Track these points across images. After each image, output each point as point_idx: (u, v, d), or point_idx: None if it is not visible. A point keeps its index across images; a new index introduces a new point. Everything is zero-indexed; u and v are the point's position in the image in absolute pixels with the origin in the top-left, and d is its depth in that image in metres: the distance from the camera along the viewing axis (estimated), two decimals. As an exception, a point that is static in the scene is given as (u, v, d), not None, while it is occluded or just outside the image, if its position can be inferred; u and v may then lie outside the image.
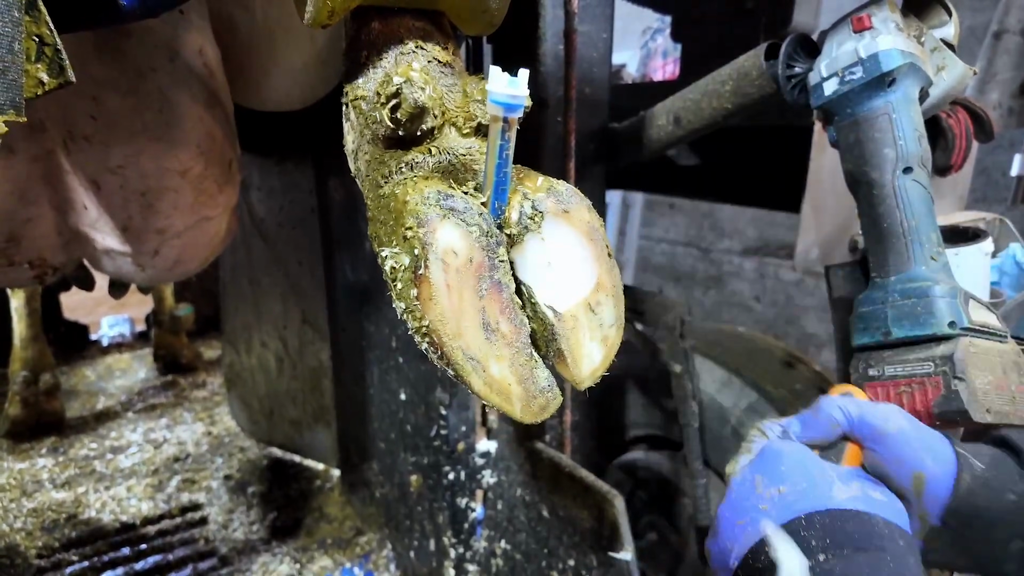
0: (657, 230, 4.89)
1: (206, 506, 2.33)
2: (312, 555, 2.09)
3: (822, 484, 0.55)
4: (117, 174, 1.09)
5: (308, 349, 2.27)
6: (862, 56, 0.93)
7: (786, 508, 0.54)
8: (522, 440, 1.52)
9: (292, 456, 2.61)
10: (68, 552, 2.05)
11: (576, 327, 0.59)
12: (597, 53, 1.38)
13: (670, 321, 1.66)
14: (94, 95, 1.01)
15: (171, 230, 1.23)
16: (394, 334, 1.83)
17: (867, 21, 0.94)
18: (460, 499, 1.68)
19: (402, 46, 0.65)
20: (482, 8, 0.69)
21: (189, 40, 1.11)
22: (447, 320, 0.52)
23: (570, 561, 1.38)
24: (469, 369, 0.53)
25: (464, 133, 0.63)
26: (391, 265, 0.55)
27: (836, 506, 0.53)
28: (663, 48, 4.42)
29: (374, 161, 0.64)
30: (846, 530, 0.50)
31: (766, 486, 0.57)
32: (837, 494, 0.54)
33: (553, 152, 1.36)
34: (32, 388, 2.75)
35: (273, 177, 2.12)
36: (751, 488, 0.59)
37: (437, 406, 1.66)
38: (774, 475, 0.58)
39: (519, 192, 0.59)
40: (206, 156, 1.17)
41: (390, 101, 0.59)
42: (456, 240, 0.54)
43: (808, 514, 0.53)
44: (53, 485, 2.41)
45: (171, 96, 1.08)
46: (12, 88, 0.48)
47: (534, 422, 0.57)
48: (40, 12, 0.51)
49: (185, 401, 3.15)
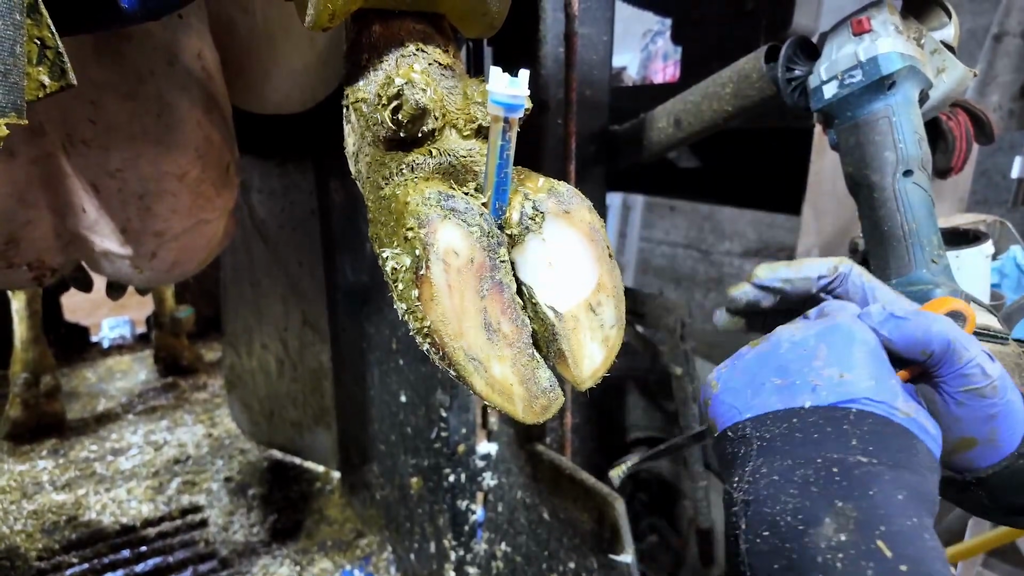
0: (657, 232, 4.89)
1: (206, 508, 2.33)
2: (312, 557, 2.09)
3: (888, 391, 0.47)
4: (116, 177, 1.10)
5: (308, 351, 2.27)
6: (862, 59, 0.94)
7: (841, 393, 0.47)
8: (523, 442, 1.52)
9: (292, 458, 2.61)
10: (68, 554, 2.05)
11: (577, 328, 0.59)
12: (597, 56, 1.38)
13: (671, 323, 1.66)
14: (93, 99, 1.01)
15: (169, 233, 1.23)
16: (394, 336, 1.83)
17: (867, 24, 0.94)
18: (460, 501, 1.68)
19: (403, 49, 0.65)
20: (482, 11, 0.69)
21: (188, 44, 1.11)
22: (449, 320, 0.52)
23: (570, 563, 1.38)
24: (471, 370, 0.53)
25: (465, 135, 0.64)
26: (392, 266, 0.55)
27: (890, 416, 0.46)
28: (663, 51, 4.42)
29: (375, 163, 0.64)
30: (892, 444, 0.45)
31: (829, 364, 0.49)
32: (900, 407, 0.47)
33: (553, 154, 1.36)
34: (33, 390, 2.75)
35: (274, 179, 2.12)
36: (811, 355, 0.50)
37: (438, 408, 1.65)
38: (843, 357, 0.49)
39: (520, 193, 0.59)
40: (204, 160, 1.18)
41: (391, 103, 0.59)
42: (457, 240, 0.54)
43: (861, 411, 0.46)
44: (53, 487, 2.41)
45: (170, 100, 1.08)
46: (14, 91, 0.49)
47: (536, 423, 0.57)
48: (42, 15, 0.51)
49: (185, 403, 3.15)
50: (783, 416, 0.47)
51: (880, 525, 0.39)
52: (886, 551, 0.38)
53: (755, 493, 0.44)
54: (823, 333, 0.51)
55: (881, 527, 0.39)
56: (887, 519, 0.39)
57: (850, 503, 0.40)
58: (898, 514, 0.40)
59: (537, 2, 1.26)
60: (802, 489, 0.42)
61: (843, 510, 0.40)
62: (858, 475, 0.42)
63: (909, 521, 0.40)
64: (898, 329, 0.50)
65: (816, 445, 0.44)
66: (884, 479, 0.42)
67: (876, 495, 0.41)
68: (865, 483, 0.41)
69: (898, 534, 0.39)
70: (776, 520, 0.42)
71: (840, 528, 0.39)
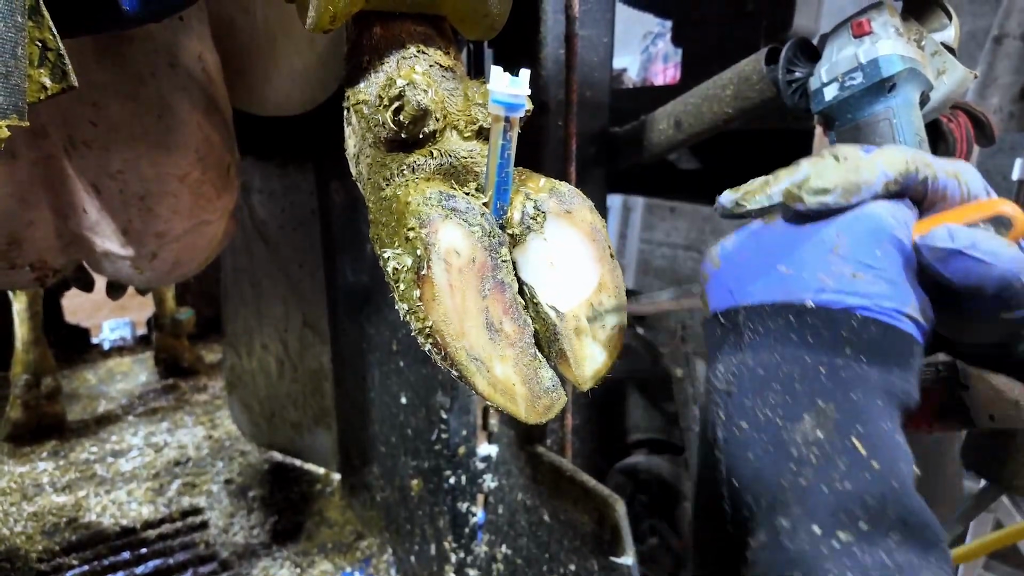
0: (658, 234, 4.89)
1: (207, 510, 2.33)
2: (313, 559, 2.09)
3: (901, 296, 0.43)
4: (117, 179, 1.10)
5: (309, 352, 2.27)
6: (862, 61, 0.94)
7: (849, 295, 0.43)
8: (523, 444, 1.51)
9: (293, 460, 2.60)
10: (68, 556, 2.05)
11: (578, 327, 0.59)
12: (598, 57, 1.38)
13: (671, 325, 1.66)
14: (95, 101, 1.02)
15: (170, 234, 1.24)
16: (395, 337, 1.83)
17: (867, 26, 0.94)
18: (461, 503, 1.68)
19: (404, 50, 0.65)
20: (483, 12, 0.69)
21: (189, 46, 1.12)
22: (450, 320, 0.52)
23: (571, 566, 1.37)
24: (473, 369, 0.53)
25: (465, 136, 0.64)
26: (394, 266, 0.55)
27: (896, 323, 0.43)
28: (664, 52, 4.43)
29: (376, 164, 0.64)
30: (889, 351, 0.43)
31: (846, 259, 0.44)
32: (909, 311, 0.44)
33: (554, 155, 1.36)
34: (33, 391, 2.75)
35: (274, 180, 2.13)
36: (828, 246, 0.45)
37: (438, 410, 1.65)
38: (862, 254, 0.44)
39: (521, 193, 0.59)
40: (204, 161, 1.18)
41: (393, 104, 0.60)
42: (458, 240, 0.54)
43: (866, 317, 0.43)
44: (54, 489, 2.41)
45: (170, 102, 1.09)
46: (15, 92, 0.49)
47: (539, 423, 0.57)
48: (43, 17, 0.51)
49: (186, 405, 3.15)
50: (781, 310, 0.45)
51: (857, 425, 0.40)
52: (861, 449, 0.39)
53: (739, 385, 0.44)
54: (849, 223, 0.45)
55: (858, 427, 0.40)
56: (865, 421, 0.40)
57: (831, 403, 0.41)
58: (876, 417, 0.41)
59: (538, 4, 1.27)
60: (786, 386, 0.42)
61: (824, 409, 0.41)
62: (844, 377, 0.42)
63: (885, 425, 0.41)
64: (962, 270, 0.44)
65: (809, 348, 0.43)
66: (869, 383, 0.42)
67: (858, 399, 0.41)
68: (849, 385, 0.41)
69: (873, 435, 0.39)
70: (756, 413, 0.42)
71: (818, 425, 0.40)
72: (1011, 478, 1.30)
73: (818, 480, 0.38)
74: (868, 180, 0.46)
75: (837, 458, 0.39)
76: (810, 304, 0.44)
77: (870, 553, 0.36)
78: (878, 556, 0.36)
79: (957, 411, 0.83)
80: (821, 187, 0.46)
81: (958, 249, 0.44)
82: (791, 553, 0.37)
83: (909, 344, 0.44)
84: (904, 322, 0.44)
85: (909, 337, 0.44)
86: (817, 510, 0.38)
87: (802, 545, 0.37)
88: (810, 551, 0.37)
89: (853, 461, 0.39)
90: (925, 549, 0.37)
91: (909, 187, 0.47)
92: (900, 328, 0.44)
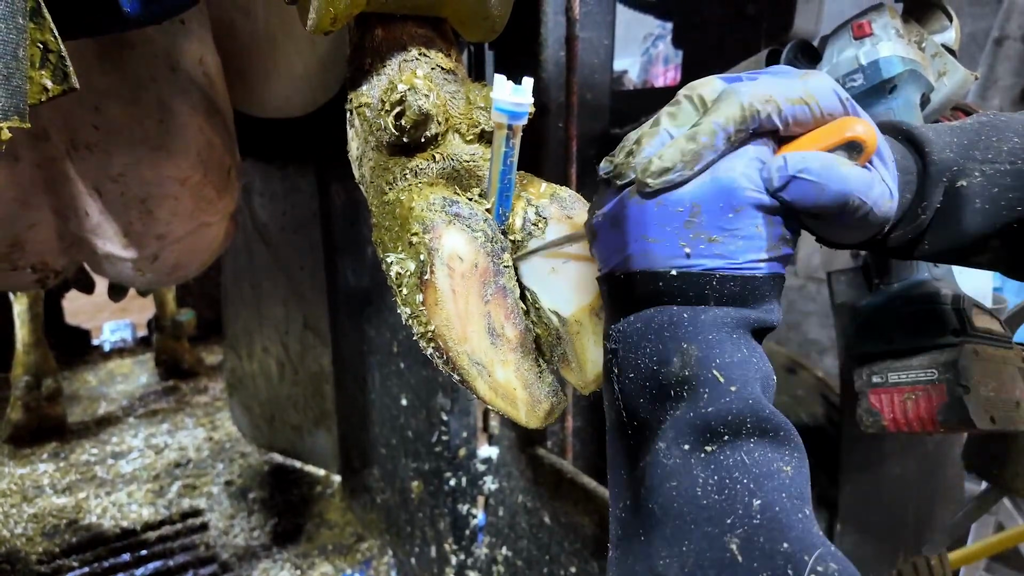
0: (658, 235, 4.88)
1: (207, 512, 2.33)
2: (313, 561, 2.08)
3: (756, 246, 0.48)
4: (118, 181, 1.10)
5: (309, 354, 2.27)
6: (863, 63, 0.94)
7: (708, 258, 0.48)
8: (524, 446, 1.51)
9: (293, 462, 2.60)
10: (68, 558, 2.05)
11: (581, 332, 0.59)
12: (598, 59, 1.38)
13: None
14: (96, 105, 1.02)
15: (170, 236, 1.24)
16: (395, 339, 1.83)
17: (867, 28, 0.94)
18: (461, 505, 1.68)
19: (405, 53, 0.65)
20: (484, 15, 0.69)
21: (190, 50, 1.12)
22: (452, 325, 0.52)
23: (571, 568, 1.37)
24: (474, 374, 0.53)
25: (468, 140, 0.64)
26: (396, 271, 0.55)
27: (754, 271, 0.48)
28: (664, 54, 4.43)
29: (378, 167, 0.64)
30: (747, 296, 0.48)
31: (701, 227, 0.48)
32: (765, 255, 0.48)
33: (555, 157, 1.36)
34: (34, 393, 2.76)
35: (275, 182, 2.13)
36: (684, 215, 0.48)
37: (438, 412, 1.65)
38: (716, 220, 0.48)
39: (523, 198, 0.59)
40: (205, 164, 1.18)
41: (394, 108, 0.60)
42: (461, 245, 0.54)
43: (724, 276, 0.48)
44: (54, 490, 2.41)
45: (172, 106, 1.09)
46: (17, 94, 0.49)
47: (539, 427, 0.57)
48: (44, 19, 0.51)
49: (186, 406, 3.15)
50: (651, 277, 0.49)
51: (715, 359, 0.46)
52: (720, 378, 0.45)
53: (623, 341, 0.50)
54: (701, 190, 0.48)
55: (716, 360, 0.46)
56: (721, 353, 0.46)
57: (693, 344, 0.47)
58: (732, 348, 0.47)
59: (539, 6, 1.27)
60: (658, 335, 0.48)
61: (687, 350, 0.47)
62: (703, 319, 0.47)
63: (740, 352, 0.47)
64: (799, 193, 0.48)
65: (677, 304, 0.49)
66: (725, 321, 0.48)
67: (714, 336, 0.47)
68: (707, 326, 0.47)
69: (729, 364, 0.46)
70: (638, 363, 0.48)
71: (684, 364, 0.46)
72: (1012, 480, 1.29)
73: (688, 409, 0.44)
74: (707, 144, 0.48)
75: (701, 389, 0.45)
76: (674, 272, 0.49)
77: (731, 456, 0.42)
78: (738, 457, 0.42)
79: (958, 413, 0.83)
80: (661, 167, 0.49)
81: (791, 174, 0.48)
82: (667, 468, 0.44)
83: (766, 282, 0.50)
84: (760, 267, 0.49)
85: (765, 278, 0.49)
86: (686, 432, 0.44)
87: (675, 460, 0.44)
88: (681, 463, 0.43)
89: (714, 389, 0.45)
90: (779, 445, 0.44)
91: (755, 128, 0.49)
92: (756, 275, 0.49)
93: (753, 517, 0.40)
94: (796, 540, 0.39)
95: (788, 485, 0.42)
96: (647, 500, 0.45)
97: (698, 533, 0.41)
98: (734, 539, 0.40)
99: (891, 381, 0.89)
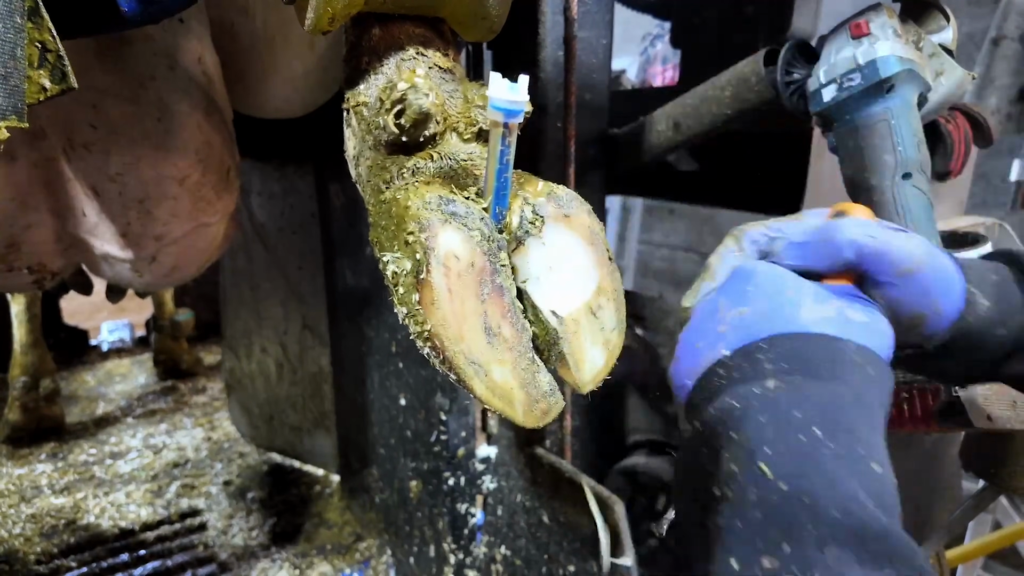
0: (657, 235, 4.89)
1: (205, 512, 2.33)
2: (312, 561, 2.08)
3: (791, 304, 0.48)
4: (116, 181, 1.10)
5: (308, 354, 2.27)
6: (860, 63, 0.94)
7: (745, 330, 0.48)
8: (522, 445, 1.51)
9: (292, 462, 2.60)
10: (67, 558, 2.04)
11: (578, 331, 0.59)
12: (597, 59, 1.38)
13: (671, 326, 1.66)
14: (94, 103, 1.01)
15: (169, 236, 1.23)
16: (394, 339, 1.83)
17: (865, 27, 0.94)
18: (460, 505, 1.68)
19: (403, 52, 0.65)
20: (482, 14, 0.69)
21: (189, 48, 1.11)
22: (449, 324, 0.52)
23: (570, 567, 1.37)
24: (471, 373, 0.53)
25: (465, 139, 0.64)
26: (393, 270, 0.55)
27: (801, 329, 0.47)
28: (663, 54, 4.43)
29: (375, 167, 0.64)
30: (805, 355, 0.45)
31: (728, 308, 0.52)
32: (805, 315, 0.48)
33: (553, 157, 1.36)
34: (32, 393, 2.75)
35: (273, 182, 2.13)
36: (714, 310, 0.53)
37: (437, 411, 1.65)
38: (739, 296, 0.52)
39: (520, 197, 0.59)
40: (204, 164, 1.18)
41: (394, 107, 0.60)
42: (458, 244, 0.54)
43: (769, 337, 0.47)
44: (52, 491, 2.41)
45: (170, 104, 1.09)
46: (14, 94, 0.49)
47: (536, 427, 0.57)
48: (43, 18, 0.51)
49: (185, 406, 3.14)
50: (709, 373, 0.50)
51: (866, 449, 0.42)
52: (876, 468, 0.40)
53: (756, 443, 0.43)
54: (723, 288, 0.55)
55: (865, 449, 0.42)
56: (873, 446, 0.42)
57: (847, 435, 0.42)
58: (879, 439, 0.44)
59: (537, 6, 1.27)
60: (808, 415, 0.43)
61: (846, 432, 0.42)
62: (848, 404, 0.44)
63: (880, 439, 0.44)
64: (804, 254, 0.53)
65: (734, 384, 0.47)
66: (873, 410, 0.45)
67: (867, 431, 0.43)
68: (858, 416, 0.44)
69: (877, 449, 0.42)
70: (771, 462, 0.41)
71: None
72: (1009, 479, 1.30)
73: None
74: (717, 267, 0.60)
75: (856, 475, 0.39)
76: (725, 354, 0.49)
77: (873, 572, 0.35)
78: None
79: (956, 412, 0.83)
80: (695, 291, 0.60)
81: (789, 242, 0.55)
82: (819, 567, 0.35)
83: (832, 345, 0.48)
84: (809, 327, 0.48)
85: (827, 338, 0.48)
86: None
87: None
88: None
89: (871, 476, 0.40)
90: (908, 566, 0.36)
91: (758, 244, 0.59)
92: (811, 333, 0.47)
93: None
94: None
95: None
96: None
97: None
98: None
99: (889, 380, 0.89)
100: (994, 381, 0.62)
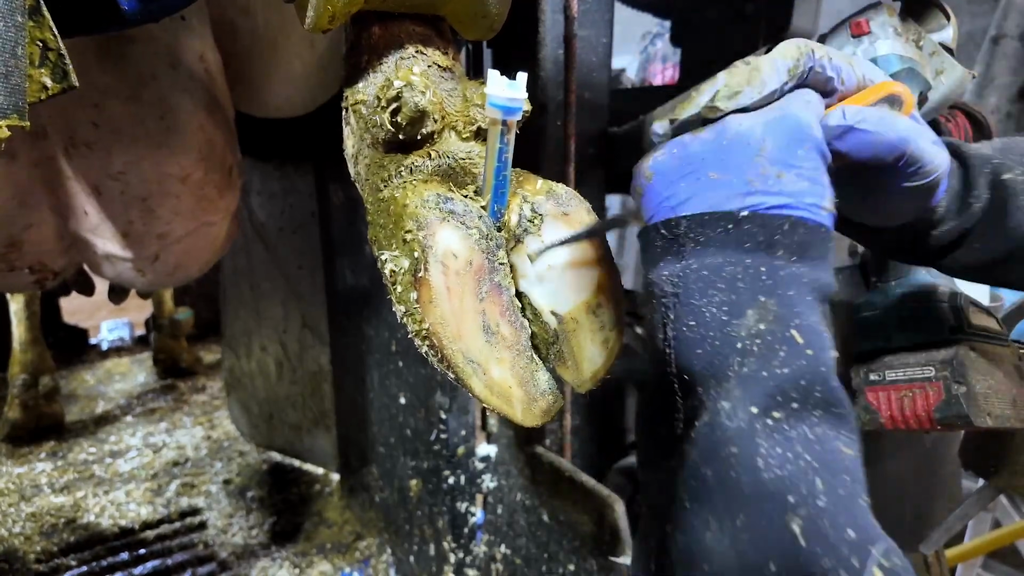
0: (657, 234, 4.88)
1: (205, 511, 2.33)
2: (311, 560, 2.08)
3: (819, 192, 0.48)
4: (118, 180, 1.10)
5: (308, 353, 2.27)
6: (861, 61, 0.94)
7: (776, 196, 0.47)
8: (522, 444, 1.51)
9: (292, 460, 2.60)
10: (67, 557, 2.04)
11: (577, 330, 0.59)
12: (597, 58, 1.38)
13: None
14: (96, 102, 1.01)
15: (171, 235, 1.23)
16: (394, 338, 1.83)
17: (865, 26, 0.94)
18: (460, 503, 1.68)
19: (402, 51, 0.65)
20: (482, 13, 0.69)
21: (190, 46, 1.11)
22: (447, 323, 0.52)
23: (570, 566, 1.37)
24: (469, 372, 0.53)
25: (464, 137, 0.64)
26: (391, 268, 0.55)
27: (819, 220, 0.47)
28: (662, 53, 4.42)
29: (374, 165, 0.64)
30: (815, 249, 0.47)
31: (772, 161, 0.47)
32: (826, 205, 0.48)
33: (553, 156, 1.36)
34: (31, 392, 2.75)
35: (273, 181, 2.13)
36: (754, 149, 0.48)
37: (437, 410, 1.65)
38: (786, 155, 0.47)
39: (519, 195, 0.59)
40: (207, 162, 1.18)
41: (391, 105, 0.60)
42: (456, 243, 0.54)
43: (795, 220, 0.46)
44: (52, 489, 2.41)
45: (172, 103, 1.08)
46: (15, 93, 0.49)
47: (535, 425, 0.57)
48: (44, 17, 0.51)
49: (184, 405, 3.14)
50: (720, 219, 0.47)
51: (795, 319, 0.44)
52: (798, 339, 0.43)
53: (685, 286, 0.47)
54: (771, 124, 0.48)
55: (795, 320, 0.44)
56: (800, 314, 0.44)
57: (772, 299, 0.44)
58: (808, 311, 0.45)
59: (536, 5, 1.27)
60: (730, 285, 0.45)
61: (765, 304, 0.44)
62: (782, 275, 0.45)
63: (815, 316, 0.45)
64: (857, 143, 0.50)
65: (747, 251, 0.46)
66: (802, 280, 0.46)
67: (794, 294, 0.45)
68: (787, 283, 0.45)
69: (807, 327, 0.44)
70: (703, 311, 0.45)
71: (761, 319, 0.44)
72: (1009, 477, 1.30)
73: (760, 367, 0.42)
74: (769, 72, 0.49)
75: (778, 347, 0.43)
76: (745, 213, 0.47)
77: (795, 428, 0.40)
78: (802, 430, 0.40)
79: (955, 411, 0.83)
80: (733, 91, 0.49)
81: (850, 124, 0.50)
82: (729, 431, 0.41)
83: (828, 236, 0.48)
84: (822, 215, 0.48)
85: (827, 230, 0.48)
86: (756, 393, 0.41)
87: (739, 424, 0.40)
88: (746, 428, 0.40)
89: (791, 349, 0.42)
90: (838, 423, 0.41)
91: (810, 72, 0.51)
92: (820, 223, 0.48)
93: (817, 498, 0.37)
94: (861, 529, 0.37)
95: (851, 468, 0.40)
96: (699, 465, 0.41)
97: (755, 508, 0.38)
98: (796, 520, 0.37)
99: (888, 379, 0.89)
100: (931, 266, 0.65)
